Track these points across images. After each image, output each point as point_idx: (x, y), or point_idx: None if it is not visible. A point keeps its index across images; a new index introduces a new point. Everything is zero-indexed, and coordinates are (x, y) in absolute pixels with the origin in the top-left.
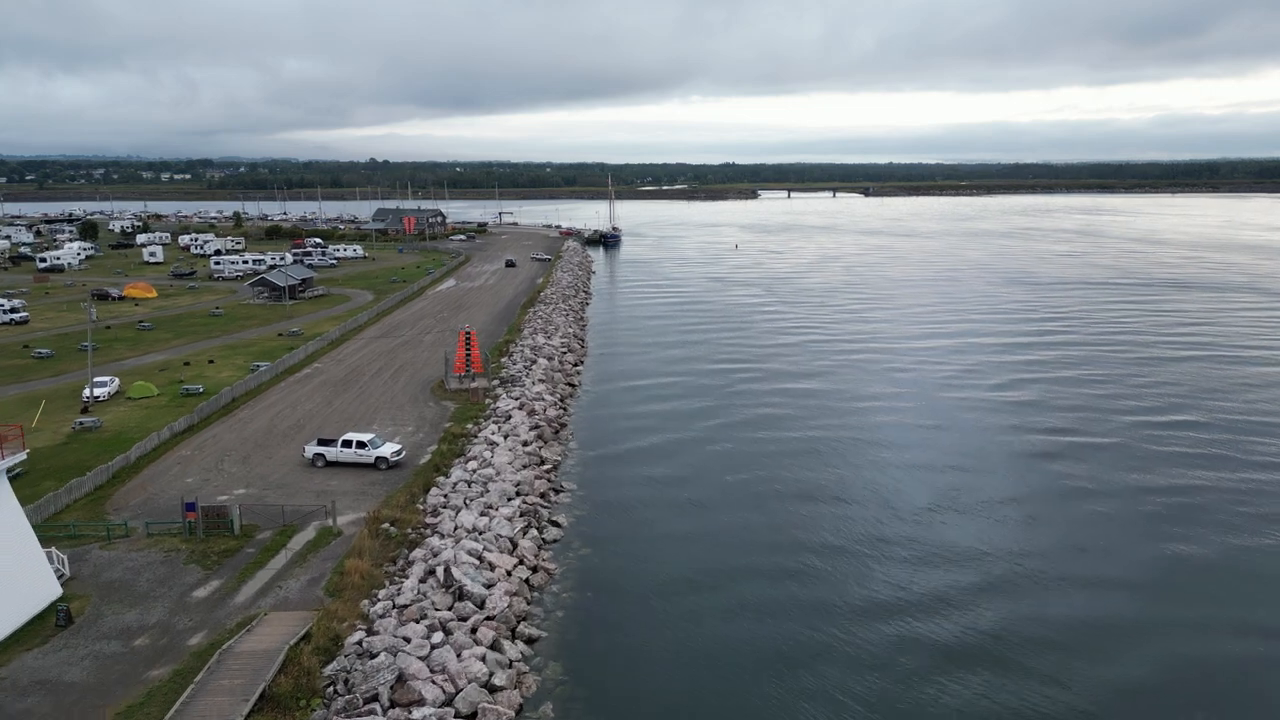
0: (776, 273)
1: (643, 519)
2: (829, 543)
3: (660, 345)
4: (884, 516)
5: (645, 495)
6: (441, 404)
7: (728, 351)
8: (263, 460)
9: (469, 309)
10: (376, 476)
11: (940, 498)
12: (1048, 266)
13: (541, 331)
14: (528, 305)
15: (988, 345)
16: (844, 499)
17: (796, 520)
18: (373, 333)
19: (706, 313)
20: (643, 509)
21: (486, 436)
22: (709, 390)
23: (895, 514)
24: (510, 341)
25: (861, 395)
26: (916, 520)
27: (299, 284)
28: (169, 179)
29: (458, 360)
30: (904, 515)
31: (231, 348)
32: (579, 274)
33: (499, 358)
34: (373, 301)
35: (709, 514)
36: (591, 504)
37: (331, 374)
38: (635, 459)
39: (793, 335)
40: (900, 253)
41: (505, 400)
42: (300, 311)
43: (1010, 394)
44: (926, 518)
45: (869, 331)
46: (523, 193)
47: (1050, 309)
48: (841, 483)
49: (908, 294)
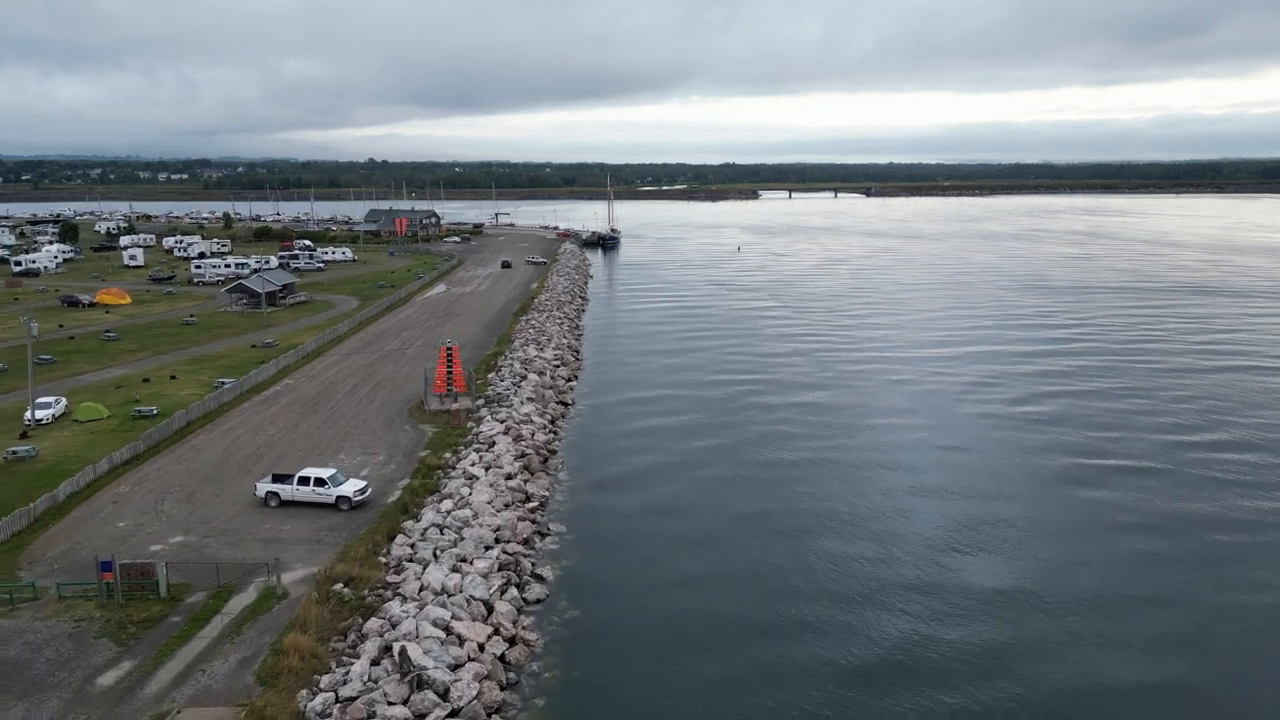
0: (781, 276)
1: (639, 566)
2: (850, 591)
3: (660, 355)
4: (904, 556)
5: (641, 535)
6: (419, 428)
7: (731, 361)
8: (209, 499)
9: (458, 317)
10: (336, 519)
11: (962, 532)
12: (1062, 270)
13: (533, 342)
14: (520, 313)
15: (1005, 354)
16: (862, 535)
17: (813, 563)
18: (353, 344)
19: (708, 319)
20: (639, 553)
21: (465, 468)
22: (711, 405)
23: (917, 553)
24: (499, 354)
25: (874, 410)
26: (939, 561)
27: (279, 290)
28: (166, 179)
29: (438, 379)
30: (925, 554)
31: (199, 361)
32: (575, 278)
33: (485, 374)
34: (357, 309)
35: (712, 557)
36: (581, 549)
37: (302, 392)
38: (631, 489)
39: (800, 343)
40: (908, 255)
41: (489, 423)
42: (279, 320)
43: (1033, 409)
44: (949, 559)
45: (879, 339)
46: (521, 193)
47: (1069, 315)
48: (858, 516)
49: (918, 299)
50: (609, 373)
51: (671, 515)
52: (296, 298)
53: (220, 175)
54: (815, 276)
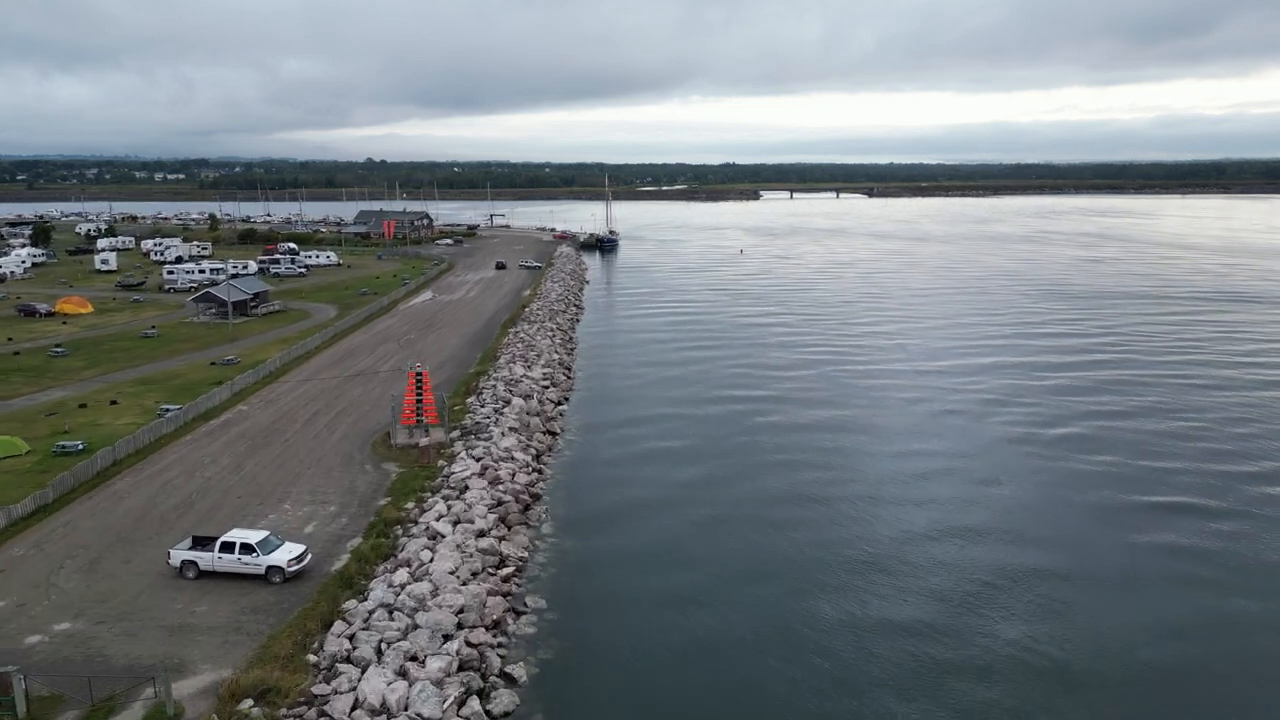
0: (786, 281)
1: (634, 659)
2: (880, 680)
3: (658, 369)
4: (936, 621)
5: (637, 610)
6: (382, 467)
7: (735, 376)
8: (116, 567)
9: (441, 329)
10: (265, 596)
11: (999, 590)
12: (1079, 275)
13: (521, 359)
14: (509, 324)
15: (1028, 366)
16: (887, 594)
17: (837, 643)
18: (322, 361)
19: (711, 330)
20: (633, 638)
21: (430, 523)
22: (714, 430)
23: (950, 620)
24: (482, 373)
25: (890, 433)
26: (976, 628)
27: (250, 299)
28: (162, 179)
29: (405, 409)
30: (958, 620)
31: (149, 382)
32: (570, 284)
33: (464, 397)
34: (333, 319)
35: (720, 643)
36: (563, 634)
37: (256, 421)
38: (625, 543)
39: (807, 354)
40: (917, 258)
41: (464, 461)
42: (247, 332)
43: (1063, 430)
44: (985, 622)
45: (893, 350)
46: (520, 193)
47: (1092, 324)
48: (881, 568)
49: (933, 307)
50: (603, 393)
51: (671, 577)
52: (270, 306)
53: (216, 175)
54: (821, 281)
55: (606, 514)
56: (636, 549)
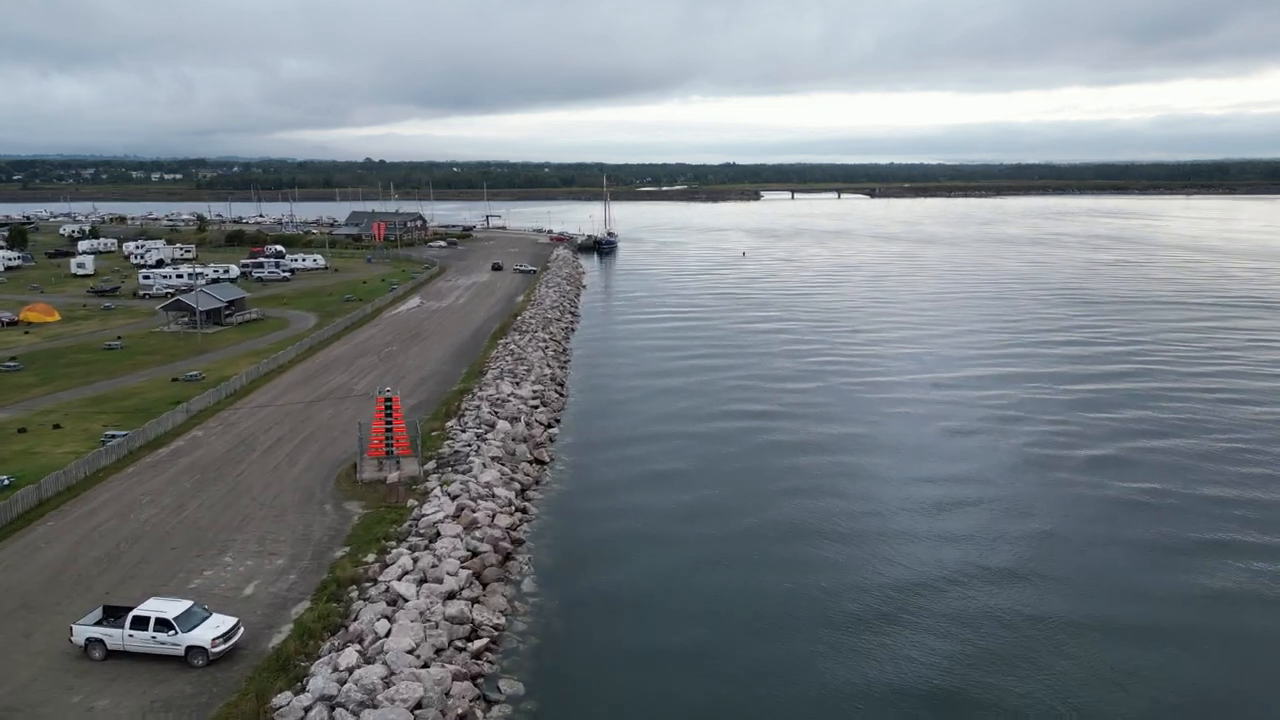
0: (791, 285)
1: None
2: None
3: (658, 386)
4: (978, 705)
5: (632, 686)
6: (344, 507)
7: (739, 391)
8: (11, 643)
9: (426, 339)
10: (181, 686)
11: (1060, 667)
12: (1098, 279)
13: (509, 375)
14: (499, 334)
15: (1055, 379)
16: (917, 667)
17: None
18: (294, 376)
19: (713, 338)
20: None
21: (391, 583)
22: (717, 456)
23: (986, 690)
24: (466, 392)
25: (907, 457)
26: (1020, 701)
27: (225, 307)
28: (159, 179)
29: (373, 439)
30: (994, 690)
31: (102, 401)
32: (566, 290)
33: (444, 420)
34: (312, 328)
35: None
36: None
37: (210, 449)
38: (617, 598)
39: (815, 365)
40: (927, 262)
41: (437, 500)
42: (219, 343)
43: (1097, 452)
44: (1026, 699)
45: (906, 361)
46: (518, 193)
47: (1120, 334)
48: (909, 631)
49: (945, 313)
50: (598, 410)
51: (669, 639)
52: (246, 315)
53: (214, 175)
54: (828, 286)
55: (597, 560)
56: (630, 603)
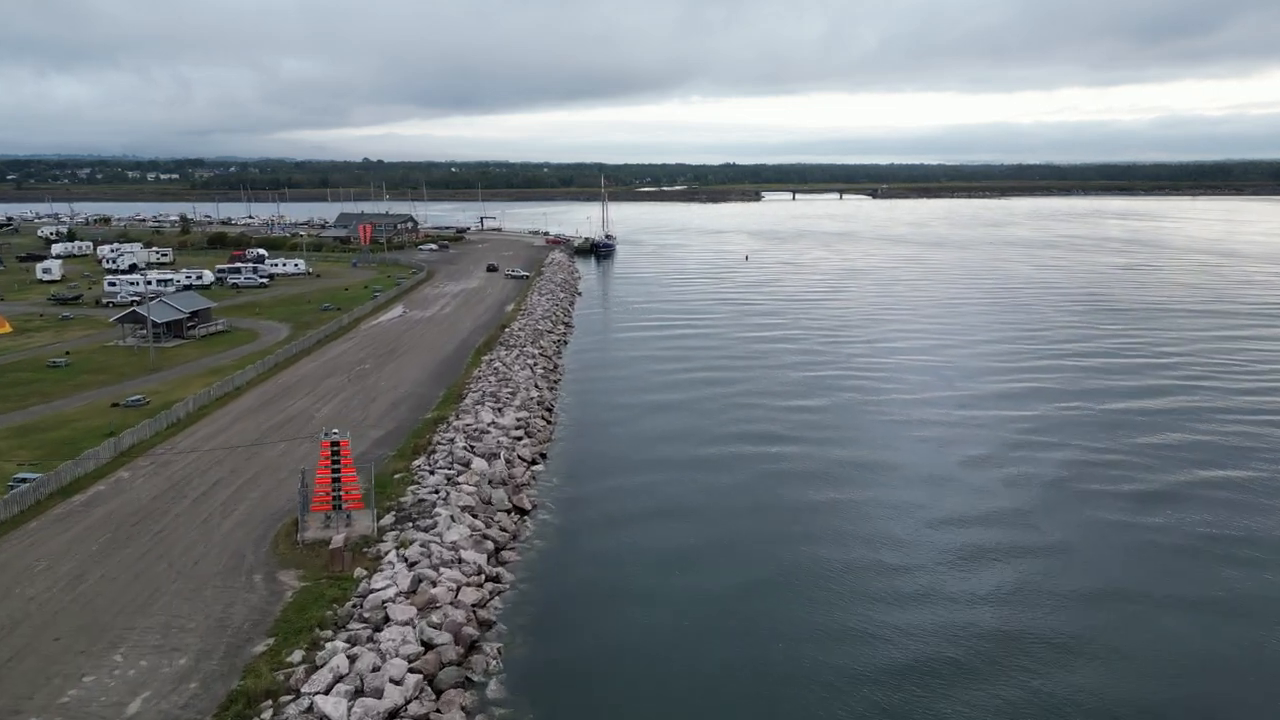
0: (797, 292)
1: None
2: None
3: (656, 408)
4: None
5: None
6: (276, 579)
7: (745, 413)
8: None
9: (403, 355)
10: None
11: None
12: (1122, 286)
13: (491, 399)
14: (485, 348)
15: (1089, 399)
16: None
17: None
18: (250, 401)
19: (716, 351)
20: None
21: (315, 700)
22: (724, 499)
23: None
24: (440, 421)
25: (934, 490)
26: None
27: (188, 318)
28: (155, 179)
29: (318, 491)
30: None
31: (27, 432)
32: (560, 297)
33: (410, 459)
34: (282, 341)
35: None
36: None
37: (133, 496)
38: (606, 699)
39: (826, 381)
40: (938, 266)
41: (390, 570)
42: (176, 359)
43: (1154, 489)
44: None
45: (925, 377)
46: (516, 194)
47: (1154, 345)
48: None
49: (966, 323)
50: (589, 442)
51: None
52: (212, 326)
53: (210, 175)
54: (836, 291)
55: (584, 645)
56: (621, 704)
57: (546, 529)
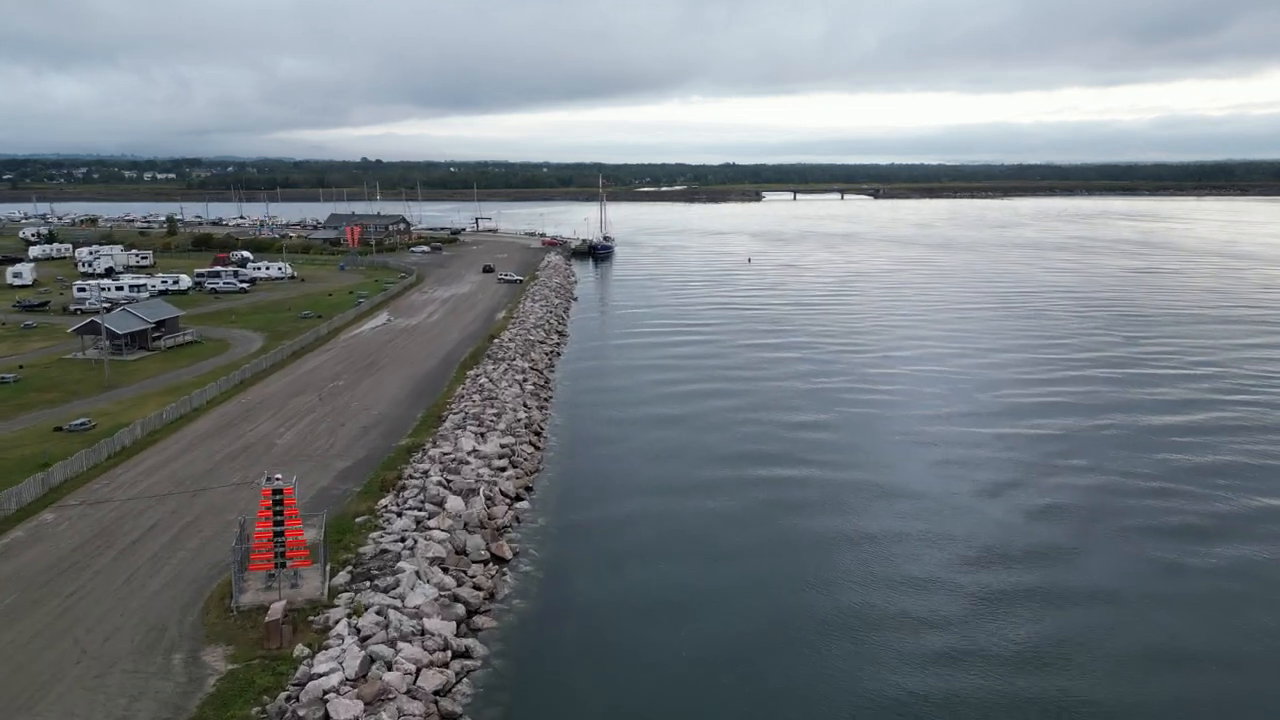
0: (803, 297)
1: None
2: None
3: (655, 430)
4: None
5: None
6: (199, 660)
7: (750, 435)
8: None
9: (383, 369)
10: None
11: None
12: (1144, 292)
13: (473, 422)
14: (471, 361)
15: (1129, 417)
16: None
17: None
18: (208, 424)
19: (719, 363)
20: None
21: None
22: (729, 538)
23: None
24: (415, 449)
25: (966, 530)
26: None
27: (153, 328)
28: (151, 178)
29: (257, 547)
30: None
31: None
32: (555, 303)
33: (375, 499)
34: (254, 354)
35: None
36: None
37: (53, 545)
38: None
39: (837, 396)
40: (948, 270)
41: (338, 644)
42: (137, 375)
43: (1229, 538)
44: None
45: (947, 396)
46: (514, 194)
47: (1191, 358)
48: None
49: (983, 331)
50: (580, 472)
51: None
52: (179, 337)
53: (207, 175)
54: (843, 298)
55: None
56: None
57: (528, 584)
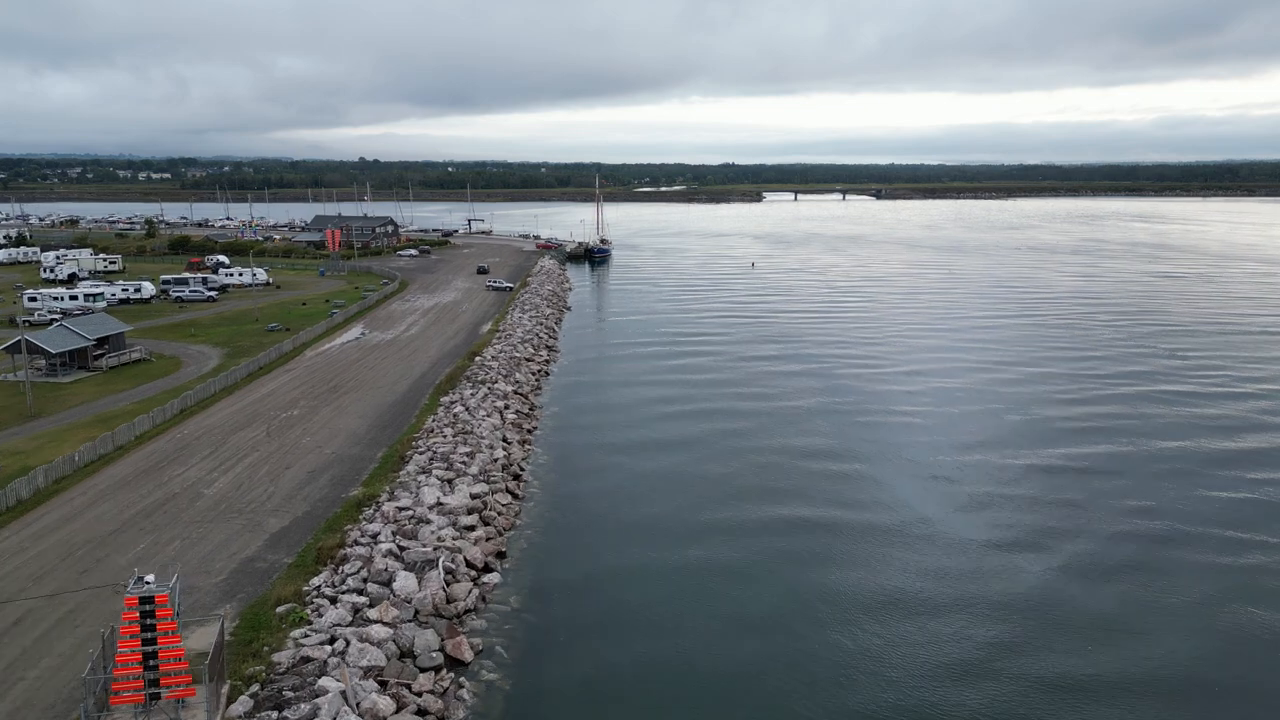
0: (812, 306)
1: None
2: None
3: (652, 469)
4: None
5: None
6: None
7: (759, 473)
8: None
9: (346, 394)
10: None
11: None
12: (1174, 300)
13: (441, 464)
14: (447, 384)
15: (1197, 447)
16: None
17: None
18: (129, 466)
19: (723, 385)
20: None
21: None
22: (733, 611)
23: None
24: (367, 504)
25: (1012, 598)
26: None
27: (94, 345)
28: (146, 178)
29: (119, 671)
30: None
31: None
32: (546, 314)
33: (304, 581)
34: (206, 374)
35: None
36: None
37: None
38: None
39: (858, 429)
40: (961, 274)
41: None
42: (69, 400)
43: None
44: None
45: (988, 429)
46: (511, 194)
47: (1243, 377)
48: None
49: (1014, 347)
50: (563, 528)
51: None
52: (125, 354)
53: (201, 175)
54: (855, 307)
55: None
56: None
57: (491, 701)
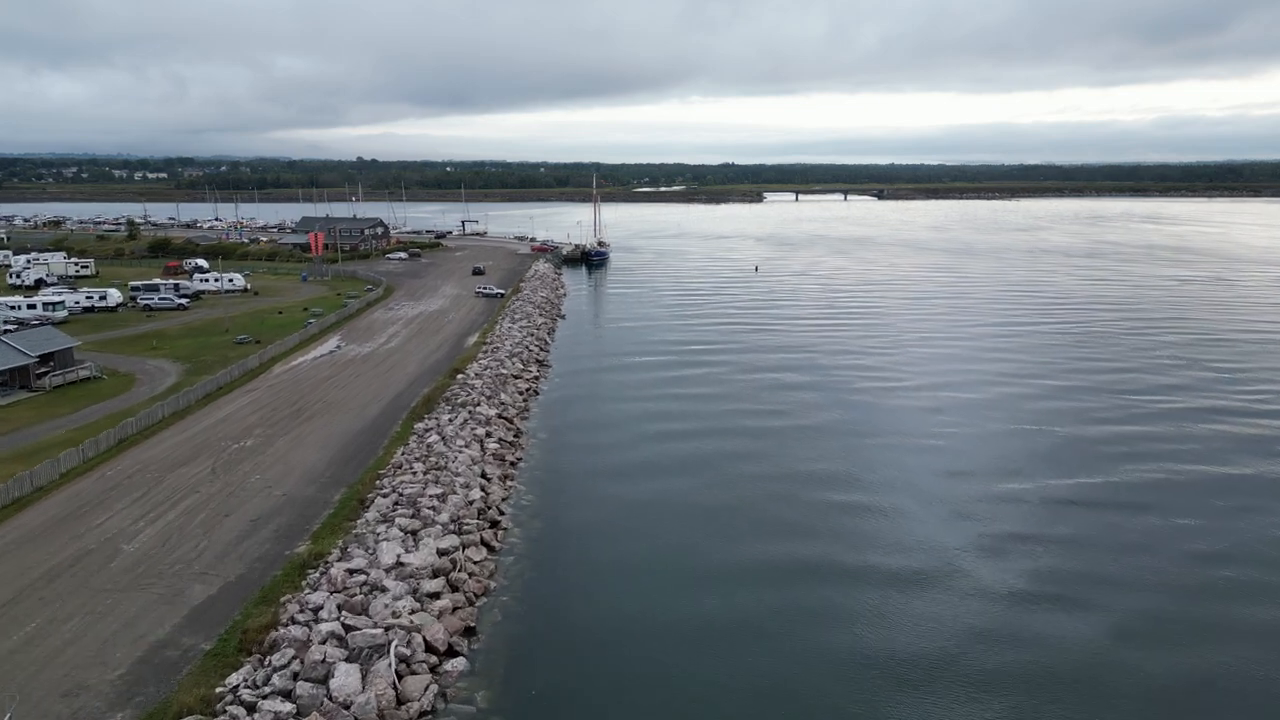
0: (821, 314)
1: None
2: None
3: (649, 509)
4: None
5: None
6: None
7: (768, 517)
8: None
9: (311, 419)
10: None
11: None
12: (1204, 309)
13: (406, 509)
14: (424, 407)
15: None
16: None
17: None
18: (43, 513)
19: (727, 404)
20: None
21: None
22: (740, 683)
23: None
24: (311, 563)
25: (1057, 655)
26: None
27: (37, 363)
28: (141, 178)
29: None
30: None
31: None
32: (537, 324)
33: (213, 686)
34: (159, 395)
35: None
36: None
37: None
38: None
39: (875, 456)
40: (975, 279)
41: None
42: (1, 426)
43: None
44: None
45: (1012, 450)
46: (509, 194)
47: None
48: None
49: (1036, 357)
50: (546, 591)
51: None
52: (73, 372)
53: (197, 174)
54: (868, 314)
55: None
56: None
57: None
